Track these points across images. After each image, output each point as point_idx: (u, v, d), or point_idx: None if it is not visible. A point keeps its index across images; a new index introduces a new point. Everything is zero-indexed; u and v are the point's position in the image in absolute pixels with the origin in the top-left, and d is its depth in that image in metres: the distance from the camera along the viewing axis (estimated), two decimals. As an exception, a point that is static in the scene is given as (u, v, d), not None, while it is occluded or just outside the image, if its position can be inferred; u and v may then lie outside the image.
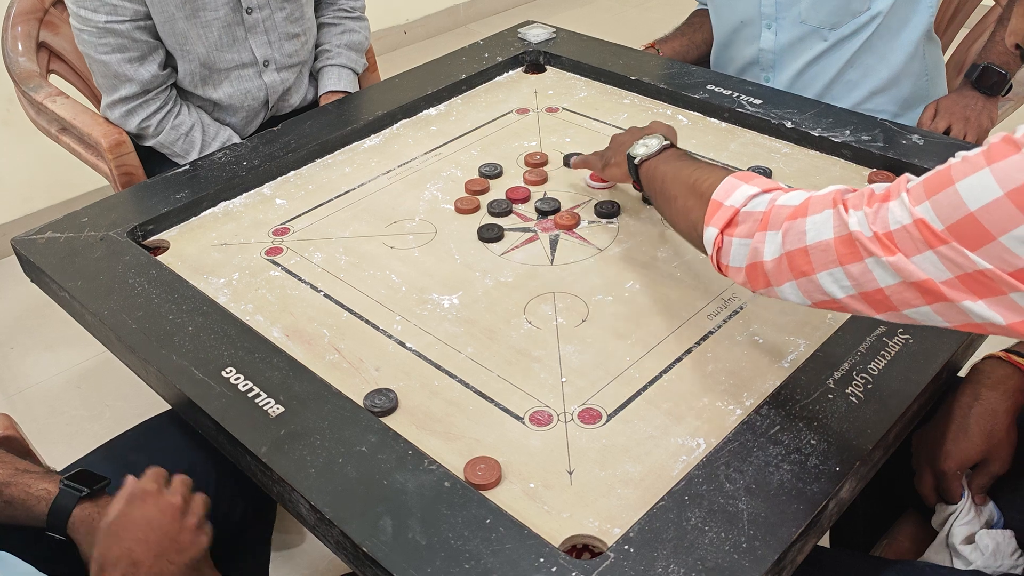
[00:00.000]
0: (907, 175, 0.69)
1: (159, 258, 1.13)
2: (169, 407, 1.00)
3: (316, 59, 1.72)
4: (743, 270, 0.79)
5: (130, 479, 0.86)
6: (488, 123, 1.41)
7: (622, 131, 1.18)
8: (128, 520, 0.81)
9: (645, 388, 0.90)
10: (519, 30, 1.65)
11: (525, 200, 1.21)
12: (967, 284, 0.63)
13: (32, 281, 1.17)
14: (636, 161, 1.01)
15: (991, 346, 0.96)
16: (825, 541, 1.21)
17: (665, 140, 1.01)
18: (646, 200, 1.19)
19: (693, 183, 0.88)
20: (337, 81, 1.69)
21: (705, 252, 0.84)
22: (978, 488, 0.91)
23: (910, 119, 1.49)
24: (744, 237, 0.78)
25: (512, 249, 1.12)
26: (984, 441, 0.89)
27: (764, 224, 0.76)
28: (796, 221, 0.73)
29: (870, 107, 1.47)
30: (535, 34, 1.62)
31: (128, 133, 1.55)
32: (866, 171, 1.21)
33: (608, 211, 1.16)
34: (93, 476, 0.90)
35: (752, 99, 1.36)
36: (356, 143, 1.38)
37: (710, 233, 0.82)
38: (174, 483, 0.87)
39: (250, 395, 0.88)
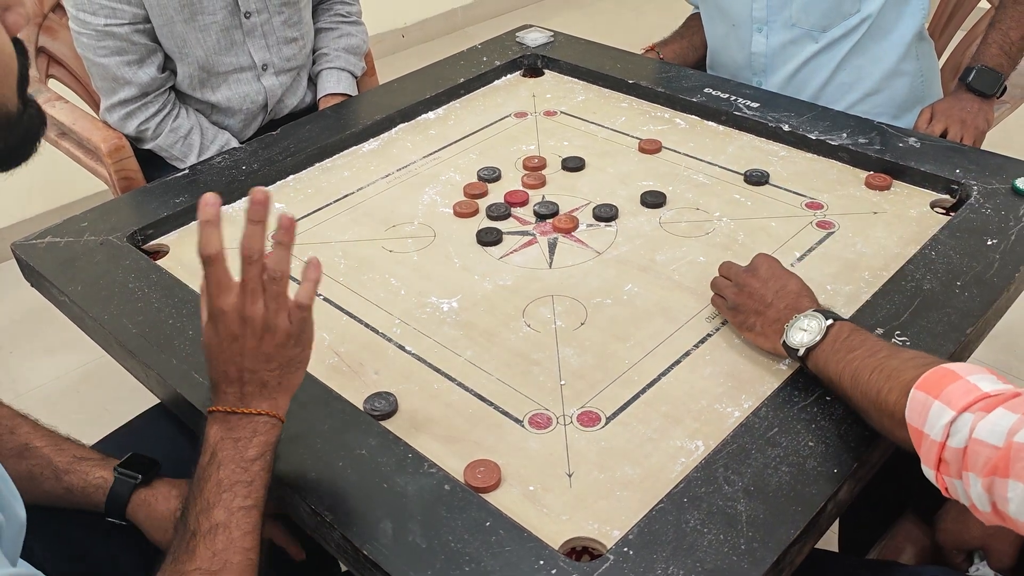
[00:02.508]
0: None
1: (159, 262, 1.14)
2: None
3: (314, 63, 1.73)
4: (990, 515, 0.65)
5: (205, 294, 0.76)
6: (486, 127, 1.42)
7: (748, 272, 0.96)
8: (213, 343, 0.75)
9: (644, 391, 0.90)
10: (517, 34, 1.66)
11: (523, 204, 1.21)
12: None
13: (32, 286, 1.17)
14: (800, 354, 0.85)
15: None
16: (832, 544, 1.21)
17: (826, 319, 0.84)
18: (645, 203, 1.19)
19: (878, 391, 0.74)
20: (336, 84, 1.69)
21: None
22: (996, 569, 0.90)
23: (907, 121, 1.49)
24: (957, 478, 0.66)
25: (511, 252, 1.13)
26: (981, 532, 0.89)
27: (1000, 467, 0.61)
28: (996, 481, 0.61)
29: (865, 109, 1.48)
30: (533, 38, 1.63)
31: (127, 136, 1.55)
32: (863, 174, 1.22)
33: (606, 214, 1.17)
34: (145, 461, 0.94)
35: (749, 102, 1.37)
36: (355, 147, 1.38)
37: (927, 472, 0.69)
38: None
39: (250, 399, 0.89)
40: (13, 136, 0.64)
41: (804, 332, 0.85)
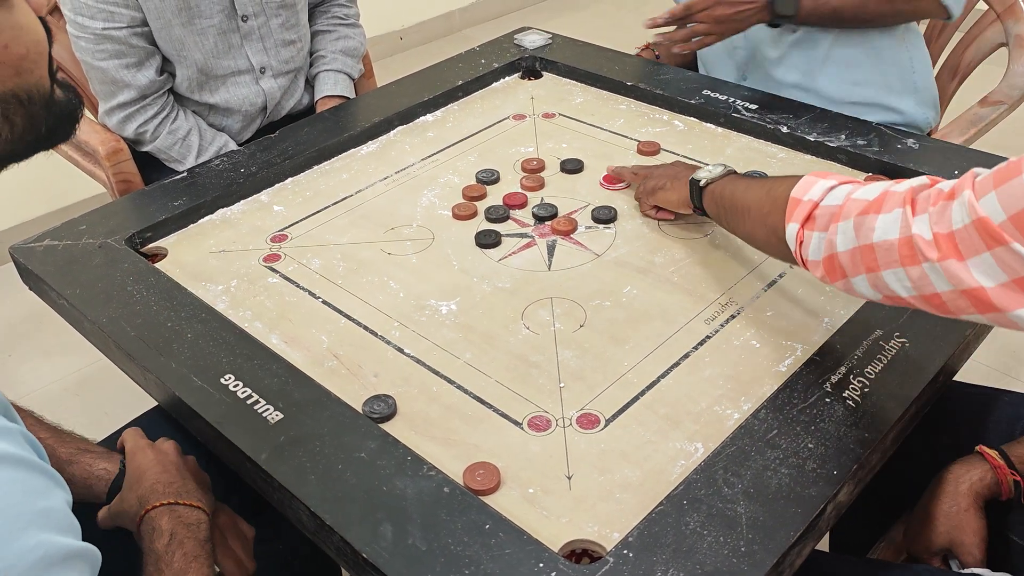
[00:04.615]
0: (976, 169, 0.68)
1: (157, 265, 1.13)
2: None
3: (312, 65, 1.73)
4: (821, 263, 0.79)
5: (123, 444, 0.94)
6: (485, 129, 1.42)
7: (662, 165, 1.19)
8: (138, 468, 0.89)
9: (643, 393, 0.90)
10: (515, 36, 1.66)
11: (522, 206, 1.21)
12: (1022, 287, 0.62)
13: (30, 289, 1.17)
14: (701, 184, 1.02)
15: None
16: (824, 545, 1.21)
17: (729, 167, 1.02)
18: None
19: (767, 191, 0.89)
20: (334, 86, 1.69)
21: (788, 256, 0.85)
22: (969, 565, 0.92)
23: (899, 108, 1.48)
24: (821, 231, 0.79)
25: (510, 255, 1.13)
26: (946, 533, 0.91)
27: (838, 216, 0.77)
28: (868, 217, 0.73)
29: (855, 98, 1.46)
30: (531, 40, 1.63)
31: (125, 139, 1.55)
32: (861, 175, 1.22)
33: (605, 216, 1.17)
34: None
35: (748, 104, 1.37)
36: (353, 149, 1.38)
37: (791, 229, 0.82)
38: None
39: (249, 402, 0.89)
40: (51, 118, 0.68)
41: (707, 172, 1.02)
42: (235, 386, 0.91)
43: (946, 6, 1.34)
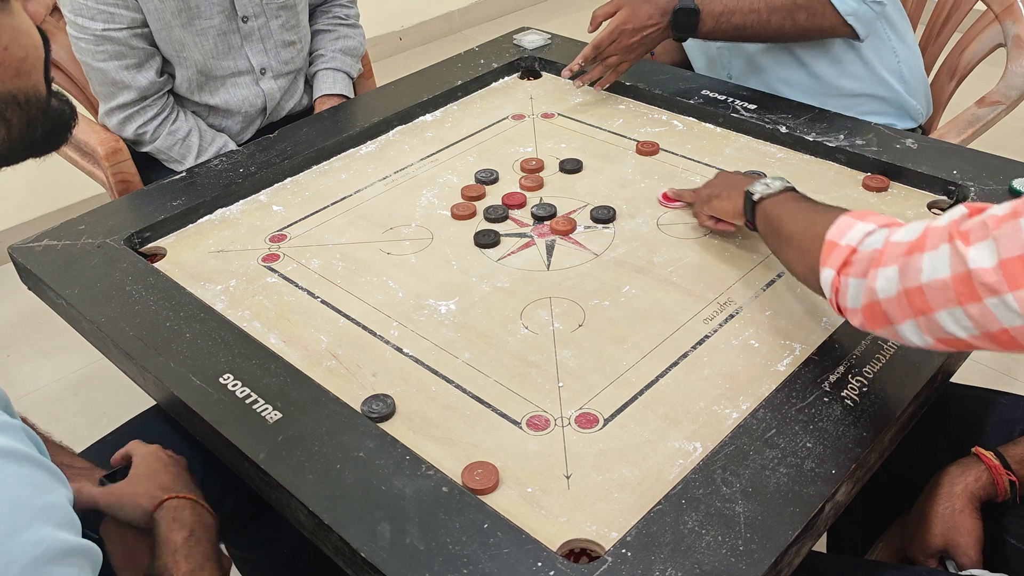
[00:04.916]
0: None
1: (156, 265, 1.13)
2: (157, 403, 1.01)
3: (311, 64, 1.73)
4: (860, 311, 0.75)
5: (127, 453, 0.94)
6: (484, 129, 1.42)
7: (725, 172, 1.15)
8: (157, 461, 0.91)
9: (642, 392, 0.90)
10: (514, 36, 1.66)
11: (521, 206, 1.22)
12: None
13: (29, 289, 1.17)
14: (755, 198, 0.97)
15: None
16: (822, 545, 1.21)
17: (787, 183, 0.97)
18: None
19: (809, 224, 0.85)
20: (332, 85, 1.70)
21: (824, 295, 0.81)
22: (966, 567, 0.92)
23: (891, 99, 1.48)
24: (860, 276, 0.75)
25: (508, 255, 1.13)
26: (942, 534, 0.91)
27: (879, 261, 0.72)
28: (912, 258, 0.69)
29: (846, 90, 1.46)
30: (530, 40, 1.63)
31: (125, 139, 1.55)
32: (860, 175, 1.22)
33: (604, 216, 1.17)
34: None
35: (747, 104, 1.37)
36: (352, 149, 1.39)
37: (827, 275, 0.78)
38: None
39: (248, 401, 0.89)
40: (48, 122, 0.69)
41: (764, 186, 0.98)
42: (234, 385, 0.91)
43: (852, 26, 1.34)
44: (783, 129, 1.30)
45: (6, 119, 0.65)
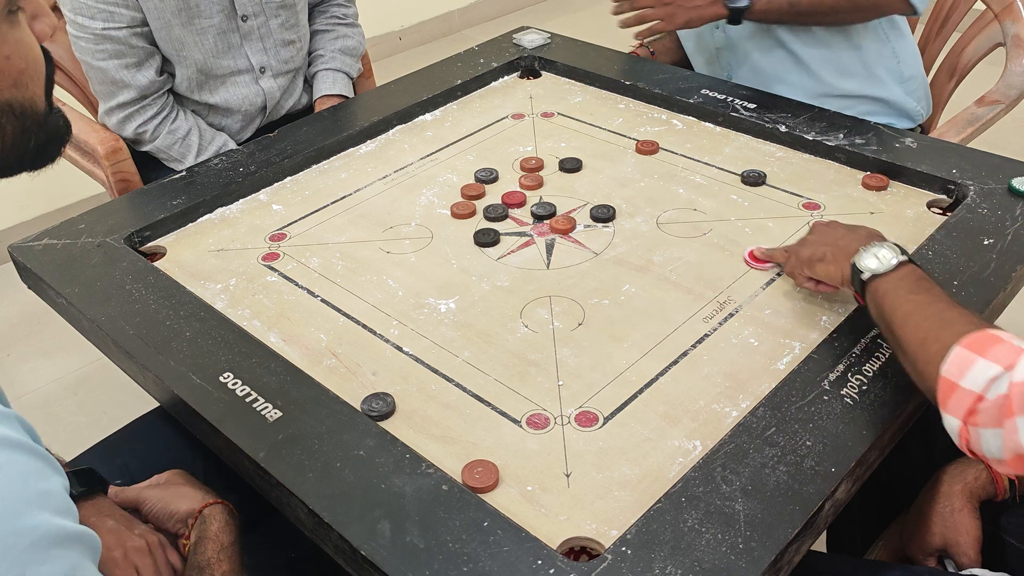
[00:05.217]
0: None
1: (156, 264, 1.14)
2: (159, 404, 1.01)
3: (310, 64, 1.73)
4: (1007, 463, 0.69)
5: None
6: (483, 128, 1.42)
7: (824, 222, 1.02)
8: (187, 475, 0.93)
9: (641, 391, 0.90)
10: (514, 36, 1.66)
11: (521, 205, 1.22)
12: None
13: (29, 288, 1.17)
14: (864, 277, 0.87)
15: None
16: (821, 544, 1.21)
17: (902, 255, 0.87)
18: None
19: (922, 341, 0.77)
20: (332, 85, 1.70)
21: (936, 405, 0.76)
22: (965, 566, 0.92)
23: (890, 99, 1.48)
24: (994, 427, 0.69)
25: (508, 253, 1.13)
26: (940, 534, 0.91)
27: (1010, 410, 0.66)
28: None
29: (845, 91, 1.46)
30: (530, 39, 1.63)
31: (125, 138, 1.55)
32: (860, 174, 1.22)
33: (604, 215, 1.17)
34: (94, 477, 0.90)
35: (746, 103, 1.37)
36: (352, 149, 1.39)
37: (951, 424, 0.73)
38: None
39: (248, 400, 0.89)
40: (42, 134, 0.70)
41: (876, 260, 0.87)
42: (234, 384, 0.91)
43: (911, 2, 1.33)
44: (783, 128, 1.30)
45: (1, 126, 0.66)
